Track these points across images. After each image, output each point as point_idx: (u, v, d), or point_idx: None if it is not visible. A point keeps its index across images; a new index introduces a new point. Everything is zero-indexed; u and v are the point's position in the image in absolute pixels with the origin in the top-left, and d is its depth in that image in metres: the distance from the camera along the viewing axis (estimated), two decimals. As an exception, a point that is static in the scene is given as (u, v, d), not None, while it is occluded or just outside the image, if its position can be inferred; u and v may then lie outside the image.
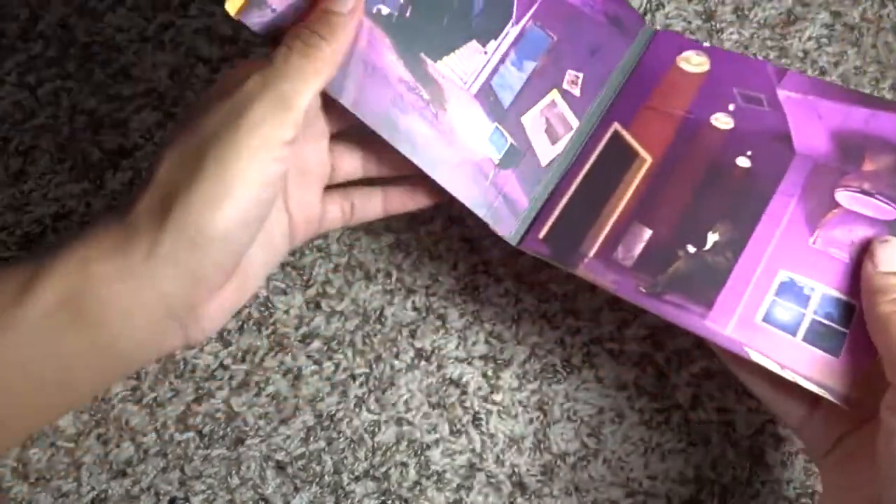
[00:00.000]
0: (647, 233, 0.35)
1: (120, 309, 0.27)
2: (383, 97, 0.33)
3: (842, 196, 0.34)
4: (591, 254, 0.35)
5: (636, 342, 0.41)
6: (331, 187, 0.36)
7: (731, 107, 0.37)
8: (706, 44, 0.39)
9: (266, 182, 0.28)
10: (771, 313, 0.33)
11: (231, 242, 0.28)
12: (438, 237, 0.42)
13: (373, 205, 0.37)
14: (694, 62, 0.38)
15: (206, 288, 0.29)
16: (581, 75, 0.38)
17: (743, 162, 0.36)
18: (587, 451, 0.40)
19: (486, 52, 0.35)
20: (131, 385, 0.41)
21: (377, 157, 0.36)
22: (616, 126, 0.37)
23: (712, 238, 0.34)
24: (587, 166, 0.37)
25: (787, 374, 0.32)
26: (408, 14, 0.34)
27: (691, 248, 0.34)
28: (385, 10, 0.33)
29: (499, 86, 0.36)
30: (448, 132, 0.34)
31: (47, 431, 0.40)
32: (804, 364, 0.32)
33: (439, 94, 0.34)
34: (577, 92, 0.37)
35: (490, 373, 0.41)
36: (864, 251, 0.33)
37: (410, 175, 0.36)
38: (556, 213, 0.36)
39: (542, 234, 0.36)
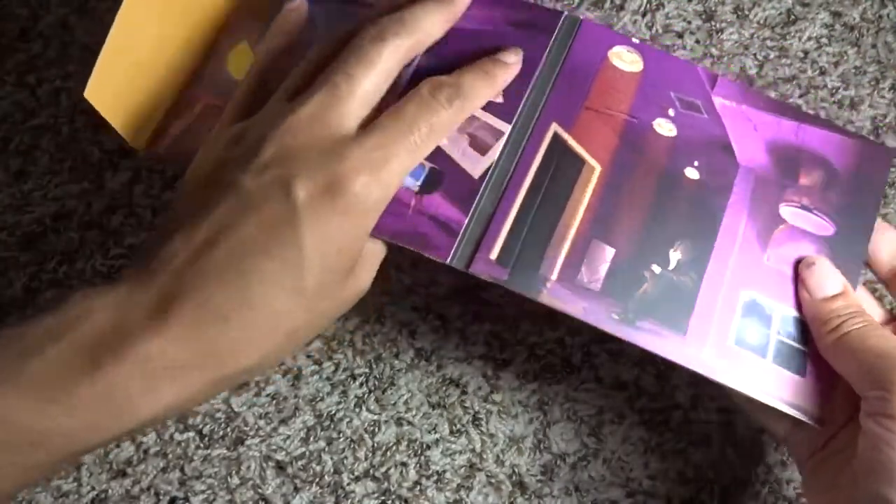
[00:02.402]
0: (611, 252, 0.33)
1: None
2: None
3: (785, 211, 0.34)
4: (554, 277, 0.32)
5: (636, 342, 0.41)
6: None
7: (672, 112, 0.35)
8: (635, 40, 0.36)
9: None
10: (741, 336, 0.32)
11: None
12: (438, 237, 0.42)
13: None
14: (627, 59, 0.36)
15: None
16: None
17: (692, 173, 0.34)
18: (587, 451, 0.40)
19: None
20: (131, 385, 0.41)
21: None
22: (556, 127, 0.34)
23: (675, 257, 0.33)
24: (531, 173, 0.33)
25: (764, 398, 0.31)
26: None
27: (657, 269, 0.32)
28: None
29: None
30: None
31: (47, 431, 0.40)
32: (776, 386, 0.31)
33: None
34: (499, 99, 0.34)
35: (490, 373, 0.41)
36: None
37: None
38: (506, 228, 0.33)
39: (493, 255, 0.32)
